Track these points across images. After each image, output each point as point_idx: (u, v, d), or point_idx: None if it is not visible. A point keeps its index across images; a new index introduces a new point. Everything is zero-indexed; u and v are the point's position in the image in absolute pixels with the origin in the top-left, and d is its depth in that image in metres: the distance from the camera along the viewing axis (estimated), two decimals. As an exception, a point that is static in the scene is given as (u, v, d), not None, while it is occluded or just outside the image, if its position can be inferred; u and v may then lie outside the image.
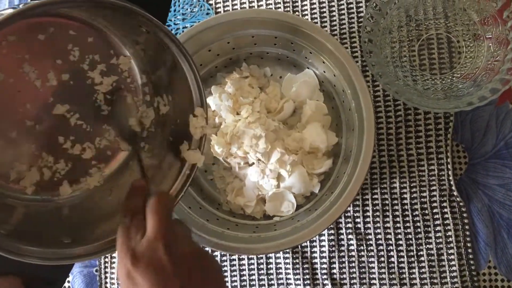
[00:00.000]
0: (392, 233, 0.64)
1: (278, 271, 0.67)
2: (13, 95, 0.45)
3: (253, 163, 0.61)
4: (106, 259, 0.71)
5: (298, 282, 0.65)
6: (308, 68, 0.64)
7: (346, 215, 0.66)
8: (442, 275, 0.62)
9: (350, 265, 0.65)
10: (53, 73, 0.46)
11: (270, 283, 0.66)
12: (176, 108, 0.52)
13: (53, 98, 0.47)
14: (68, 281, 0.72)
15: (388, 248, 0.64)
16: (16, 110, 0.45)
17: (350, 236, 0.65)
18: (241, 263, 0.67)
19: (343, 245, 0.65)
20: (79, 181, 0.50)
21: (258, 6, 0.70)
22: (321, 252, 0.66)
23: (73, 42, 0.46)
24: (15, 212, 0.46)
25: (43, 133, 0.47)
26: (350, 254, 0.65)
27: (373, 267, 0.64)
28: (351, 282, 0.65)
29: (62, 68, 0.46)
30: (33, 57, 0.45)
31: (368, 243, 0.65)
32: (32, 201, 0.48)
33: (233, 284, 0.67)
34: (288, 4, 0.69)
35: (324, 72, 0.62)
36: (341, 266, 0.65)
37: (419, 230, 0.64)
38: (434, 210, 0.63)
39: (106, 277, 0.71)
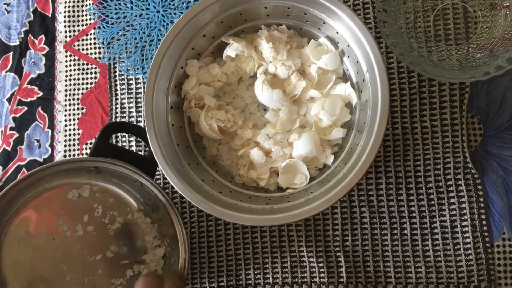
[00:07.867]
0: (406, 206, 0.64)
1: (290, 244, 0.67)
2: (50, 242, 0.60)
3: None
4: None
5: (310, 254, 0.66)
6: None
7: (359, 187, 0.65)
8: (455, 247, 0.62)
9: (363, 237, 0.65)
10: (81, 226, 0.60)
11: (282, 255, 0.67)
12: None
13: (79, 244, 0.60)
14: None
15: (402, 221, 0.64)
16: (50, 255, 0.60)
17: (363, 209, 0.65)
18: (254, 235, 0.68)
19: (356, 218, 0.65)
20: None
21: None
22: (334, 224, 0.66)
23: (97, 202, 0.61)
24: None
25: (68, 273, 0.60)
26: (363, 226, 0.65)
27: (386, 239, 0.64)
28: (364, 254, 0.65)
29: (88, 221, 0.60)
30: (66, 213, 0.61)
31: (381, 215, 0.65)
32: None
33: (246, 257, 0.68)
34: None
35: (338, 43, 0.61)
36: (354, 238, 0.65)
37: (432, 202, 0.63)
38: (448, 183, 0.63)
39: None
